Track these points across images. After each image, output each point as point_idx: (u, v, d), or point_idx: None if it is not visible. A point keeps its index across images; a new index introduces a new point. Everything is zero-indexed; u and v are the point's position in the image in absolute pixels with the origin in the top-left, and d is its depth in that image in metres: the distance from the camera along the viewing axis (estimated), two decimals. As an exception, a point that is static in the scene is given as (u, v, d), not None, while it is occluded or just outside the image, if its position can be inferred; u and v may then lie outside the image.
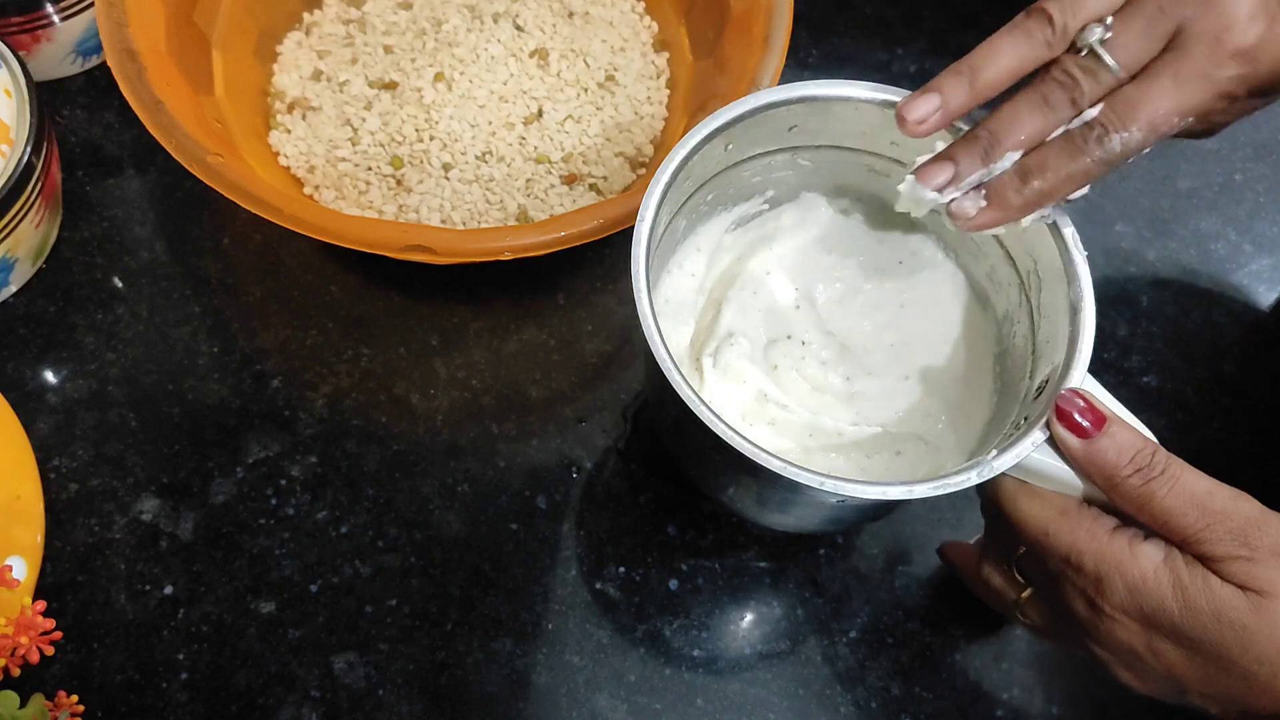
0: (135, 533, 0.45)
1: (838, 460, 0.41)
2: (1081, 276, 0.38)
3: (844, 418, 0.42)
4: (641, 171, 0.52)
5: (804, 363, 0.43)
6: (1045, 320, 0.40)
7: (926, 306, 0.44)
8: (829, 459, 0.41)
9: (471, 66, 0.52)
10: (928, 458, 0.41)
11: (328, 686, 0.43)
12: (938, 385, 0.43)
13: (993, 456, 0.35)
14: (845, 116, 0.41)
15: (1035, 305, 0.41)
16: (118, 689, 0.42)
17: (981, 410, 0.42)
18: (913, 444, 0.42)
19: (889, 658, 0.45)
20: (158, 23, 0.47)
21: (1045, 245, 0.39)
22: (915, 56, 0.60)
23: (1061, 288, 0.38)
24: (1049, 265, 0.39)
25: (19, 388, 0.48)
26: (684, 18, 0.55)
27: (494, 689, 0.43)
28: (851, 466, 0.41)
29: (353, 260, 0.51)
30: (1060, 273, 0.38)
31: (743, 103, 0.40)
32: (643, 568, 0.46)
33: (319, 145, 0.51)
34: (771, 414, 0.41)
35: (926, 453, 0.41)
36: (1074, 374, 0.36)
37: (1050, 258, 0.39)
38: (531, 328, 0.51)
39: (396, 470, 0.47)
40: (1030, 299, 0.41)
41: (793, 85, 0.40)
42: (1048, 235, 0.39)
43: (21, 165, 0.45)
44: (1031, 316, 0.41)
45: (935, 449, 0.42)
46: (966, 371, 0.43)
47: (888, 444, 0.41)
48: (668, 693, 0.44)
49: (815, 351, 0.43)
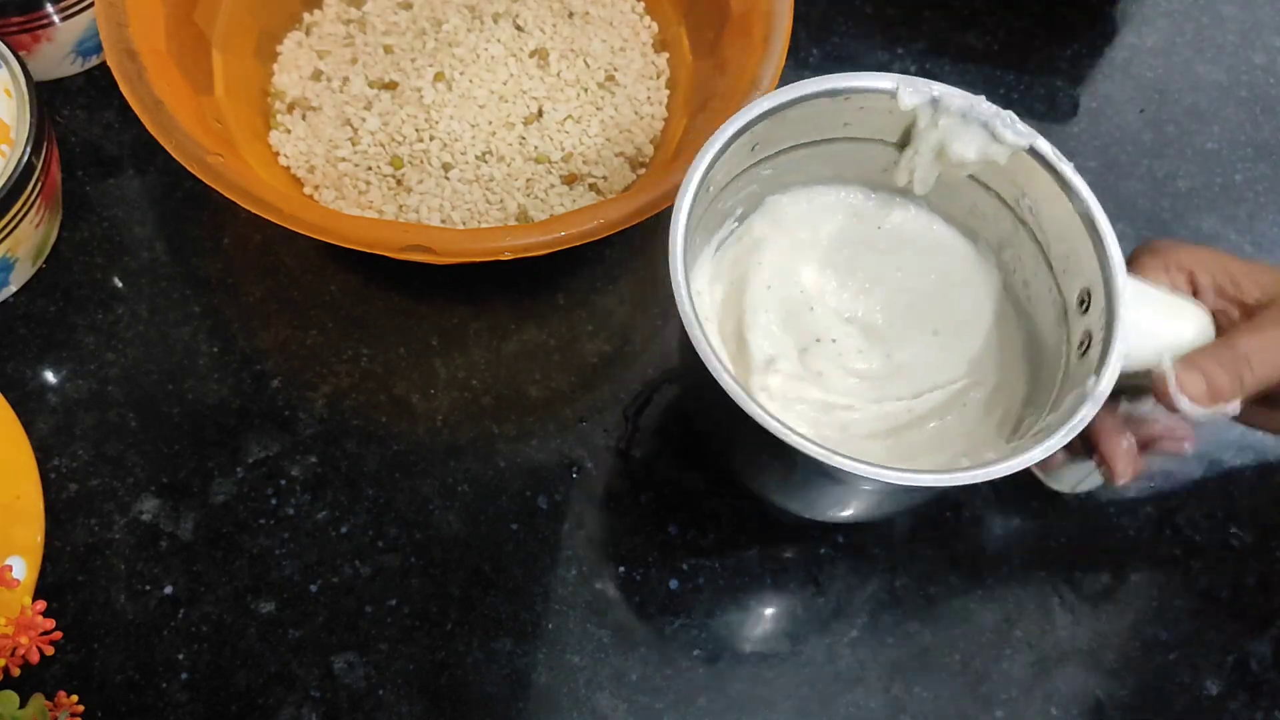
0: (135, 533, 0.45)
1: (914, 437, 0.42)
2: (1078, 187, 0.39)
3: (905, 392, 0.43)
4: (641, 171, 0.52)
5: (842, 358, 0.43)
6: (1055, 240, 0.41)
7: (920, 260, 0.45)
8: (909, 440, 0.42)
9: (471, 66, 0.52)
10: (999, 396, 0.42)
11: (328, 686, 0.43)
12: (965, 327, 0.44)
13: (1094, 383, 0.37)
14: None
15: (1036, 226, 0.42)
16: (118, 689, 0.42)
17: (1016, 333, 0.43)
18: (977, 390, 0.42)
19: (889, 658, 0.45)
20: (158, 23, 0.47)
21: (1026, 169, 0.40)
22: (915, 56, 0.60)
23: (1062, 203, 0.39)
24: (1038, 186, 0.40)
25: (19, 388, 0.48)
26: (684, 18, 0.55)
27: (494, 689, 0.43)
28: (931, 436, 0.42)
29: (353, 260, 0.51)
30: (1055, 190, 0.40)
31: (777, 95, 0.41)
32: (643, 568, 0.46)
33: (319, 145, 0.51)
34: (841, 419, 0.42)
35: (995, 391, 0.42)
36: (1117, 282, 0.38)
37: (1037, 179, 0.40)
38: (531, 328, 0.51)
39: (396, 470, 0.47)
40: (1027, 221, 0.42)
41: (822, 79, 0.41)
42: (1026, 159, 0.40)
43: (21, 165, 0.45)
44: (1035, 239, 0.42)
45: (999, 385, 0.42)
46: (978, 305, 0.44)
47: (956, 400, 0.42)
48: (668, 692, 0.44)
49: (847, 344, 0.44)
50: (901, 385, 0.43)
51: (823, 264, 0.45)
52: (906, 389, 0.43)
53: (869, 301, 0.45)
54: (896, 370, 0.43)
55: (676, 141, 0.51)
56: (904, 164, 0.44)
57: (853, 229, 0.45)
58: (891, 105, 0.41)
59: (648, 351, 0.51)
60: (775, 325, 0.44)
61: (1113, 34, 0.62)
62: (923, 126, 0.42)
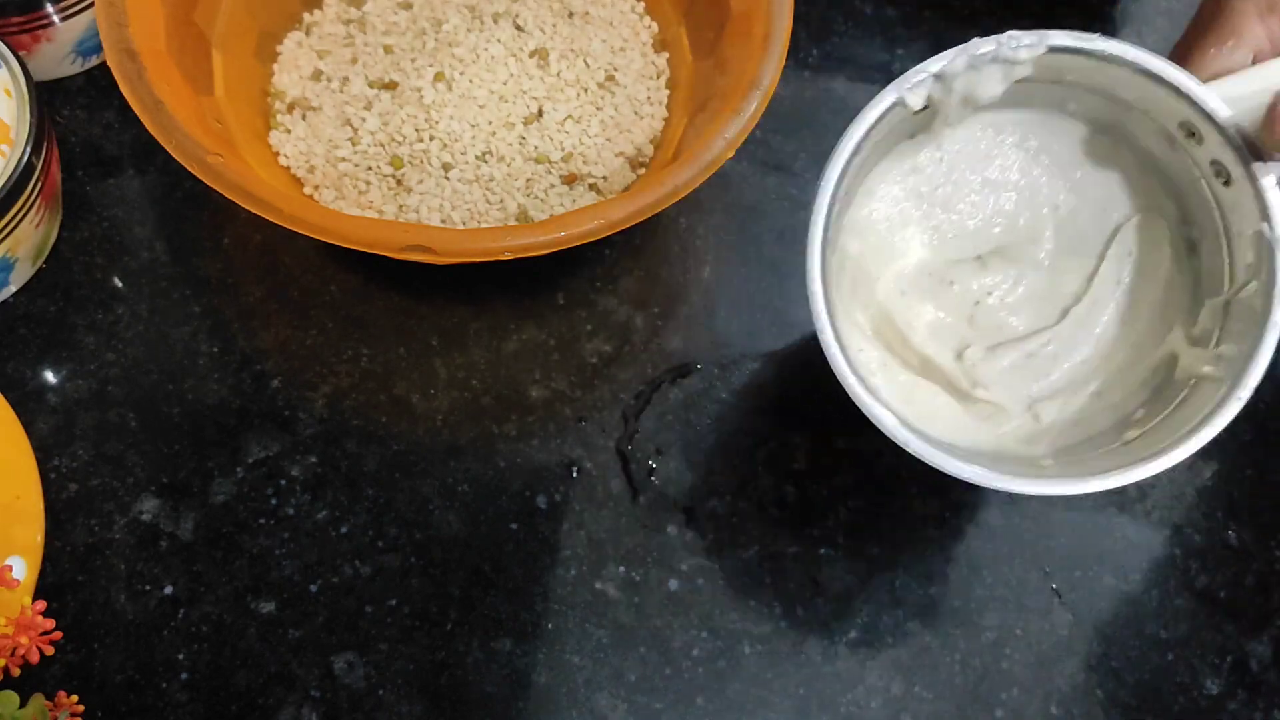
0: (135, 533, 0.45)
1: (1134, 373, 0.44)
2: (1116, 52, 0.41)
3: (1075, 289, 0.45)
4: (641, 171, 0.52)
5: (997, 304, 0.45)
6: (1126, 90, 0.42)
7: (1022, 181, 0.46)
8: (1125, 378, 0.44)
9: (471, 66, 0.52)
10: (1176, 295, 0.44)
11: (328, 686, 0.43)
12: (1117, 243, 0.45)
13: None
14: None
15: (1108, 90, 0.43)
16: (118, 689, 0.42)
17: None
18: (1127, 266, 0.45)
19: (889, 658, 0.45)
20: (158, 23, 0.47)
21: (1057, 66, 0.42)
22: (915, 56, 0.60)
23: (1111, 70, 0.42)
24: (1079, 71, 0.42)
25: (19, 388, 0.48)
26: (684, 18, 0.55)
27: (494, 689, 0.43)
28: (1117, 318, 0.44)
29: (353, 260, 0.51)
30: (1095, 64, 0.42)
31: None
32: (643, 568, 0.46)
33: (319, 145, 0.51)
34: (1038, 353, 0.44)
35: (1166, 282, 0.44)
36: (1209, 105, 0.40)
37: (1075, 66, 0.42)
38: (531, 328, 0.51)
39: (396, 470, 0.47)
40: (1100, 90, 0.43)
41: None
42: (1052, 59, 0.42)
43: (21, 165, 0.45)
44: (1113, 96, 0.43)
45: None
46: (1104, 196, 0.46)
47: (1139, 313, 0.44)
48: (668, 692, 0.44)
49: (1005, 301, 0.45)
50: (1070, 281, 0.45)
51: (928, 232, 0.46)
52: (1076, 282, 0.45)
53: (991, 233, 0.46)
54: (1048, 274, 0.45)
55: (676, 141, 0.51)
56: (937, 124, 0.44)
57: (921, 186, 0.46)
58: (904, 113, 0.42)
59: (648, 351, 0.51)
60: (935, 315, 0.45)
61: (1113, 34, 0.62)
62: (940, 97, 0.42)
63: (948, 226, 0.46)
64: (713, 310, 0.52)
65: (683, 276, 0.53)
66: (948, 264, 0.46)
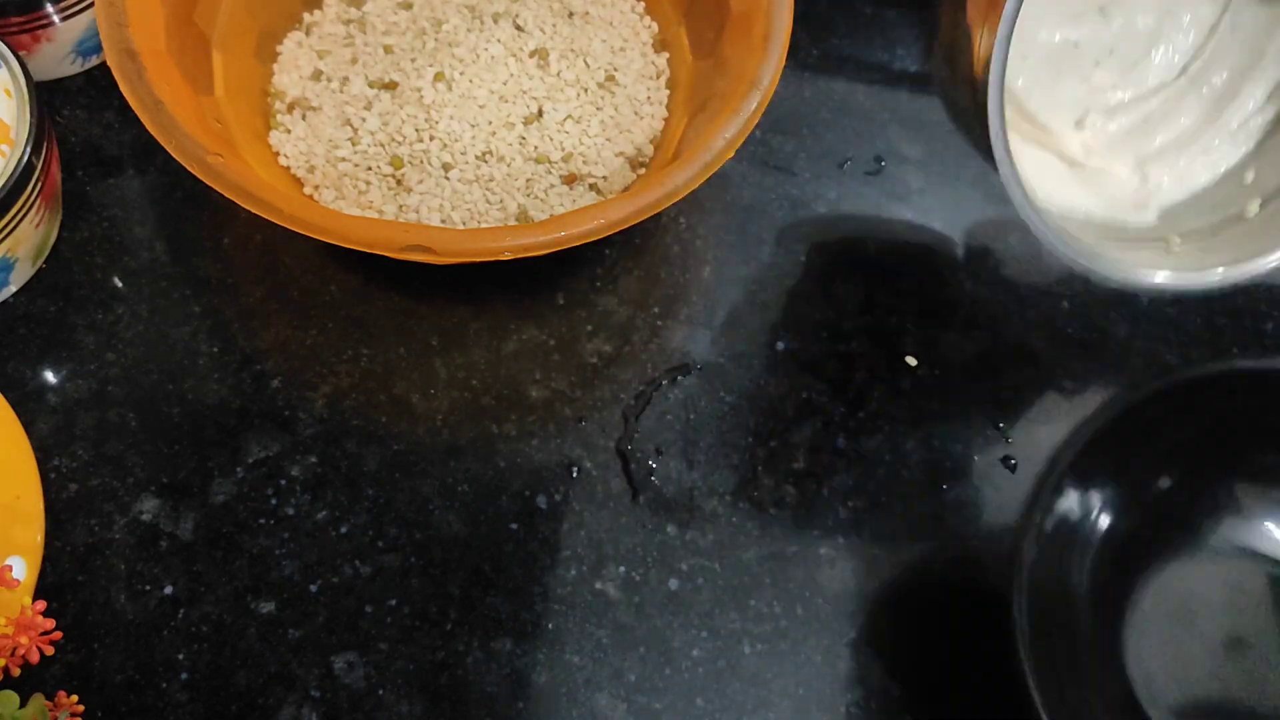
0: (135, 533, 0.45)
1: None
2: None
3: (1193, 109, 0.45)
4: (641, 171, 0.52)
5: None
6: None
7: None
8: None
9: (471, 66, 0.52)
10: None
11: (328, 686, 0.43)
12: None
13: None
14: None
15: None
16: (118, 689, 0.42)
17: None
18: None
19: (889, 658, 0.45)
20: (158, 23, 0.47)
21: None
22: (915, 56, 0.60)
23: None
24: None
25: (19, 388, 0.48)
26: (684, 18, 0.55)
27: (494, 689, 0.43)
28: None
29: (353, 260, 0.51)
30: None
31: None
32: (643, 568, 0.46)
33: (319, 145, 0.51)
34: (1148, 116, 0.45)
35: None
36: None
37: None
38: (531, 328, 0.51)
39: (396, 470, 0.47)
40: None
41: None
42: None
43: (21, 165, 0.45)
44: None
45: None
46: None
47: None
48: (668, 693, 0.44)
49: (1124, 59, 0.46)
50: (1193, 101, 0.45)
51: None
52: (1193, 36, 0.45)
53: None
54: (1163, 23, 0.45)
55: (676, 141, 0.51)
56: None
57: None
58: None
59: (648, 351, 0.51)
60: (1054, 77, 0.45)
61: (1113, 34, 0.62)
62: None
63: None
64: (713, 310, 0.52)
65: (683, 276, 0.53)
66: (1069, 19, 0.46)
